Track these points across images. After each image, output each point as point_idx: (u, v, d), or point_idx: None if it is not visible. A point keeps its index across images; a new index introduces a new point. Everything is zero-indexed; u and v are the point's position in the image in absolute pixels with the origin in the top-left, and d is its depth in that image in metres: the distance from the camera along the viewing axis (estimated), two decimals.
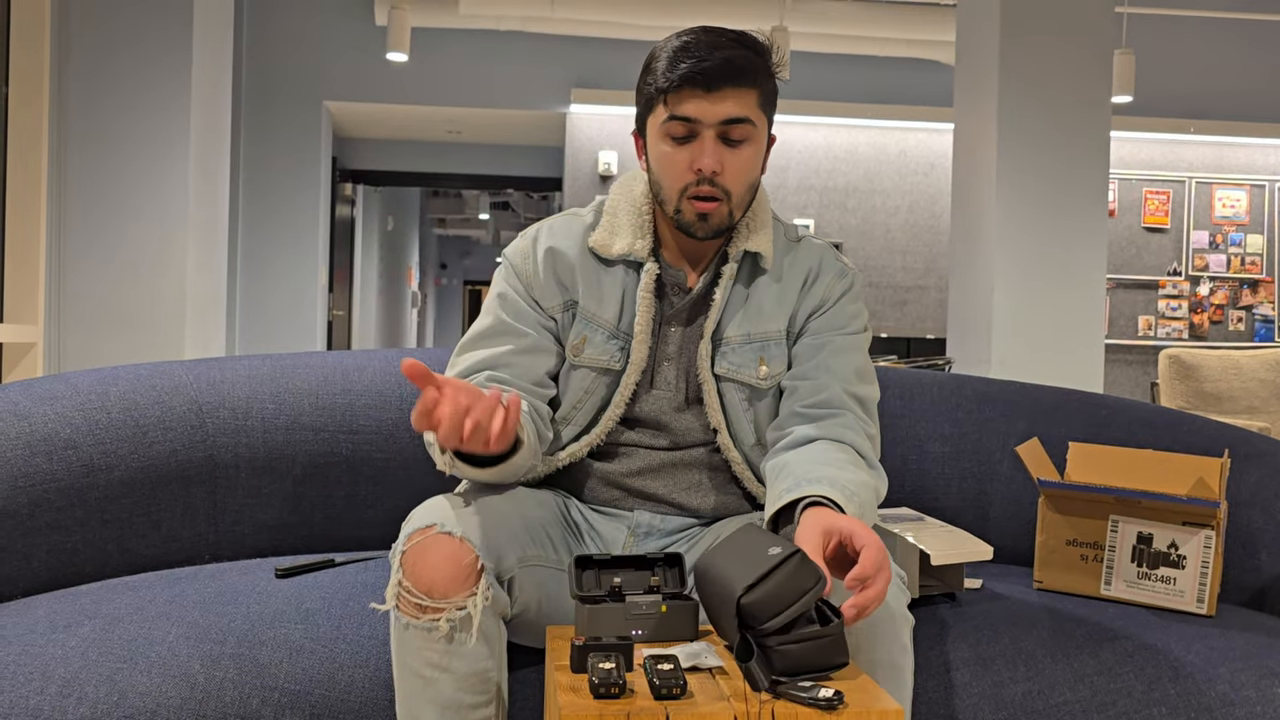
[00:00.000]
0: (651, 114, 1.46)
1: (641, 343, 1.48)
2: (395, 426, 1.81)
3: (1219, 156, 7.56)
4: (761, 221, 1.52)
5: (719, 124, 1.41)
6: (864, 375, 1.50)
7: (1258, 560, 1.72)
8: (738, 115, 1.41)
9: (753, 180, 1.46)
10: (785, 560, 1.04)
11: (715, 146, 1.41)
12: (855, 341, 1.51)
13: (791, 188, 7.46)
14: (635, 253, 1.48)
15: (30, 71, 3.58)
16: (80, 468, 1.64)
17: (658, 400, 1.50)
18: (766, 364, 1.49)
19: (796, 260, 1.53)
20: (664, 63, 1.42)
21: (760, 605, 1.02)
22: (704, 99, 1.40)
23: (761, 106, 1.44)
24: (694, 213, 1.43)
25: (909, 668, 1.23)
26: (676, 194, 1.44)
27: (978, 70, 4.42)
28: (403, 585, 1.21)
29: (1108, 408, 1.96)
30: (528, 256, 1.53)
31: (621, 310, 1.50)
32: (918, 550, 1.54)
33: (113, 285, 3.65)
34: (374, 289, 10.26)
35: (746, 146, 1.44)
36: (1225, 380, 5.06)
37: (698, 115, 1.40)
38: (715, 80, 1.39)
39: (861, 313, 1.54)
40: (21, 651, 1.32)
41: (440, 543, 1.21)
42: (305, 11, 6.87)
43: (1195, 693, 1.40)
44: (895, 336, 7.29)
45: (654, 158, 1.46)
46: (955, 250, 4.60)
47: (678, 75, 1.40)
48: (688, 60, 1.39)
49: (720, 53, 1.39)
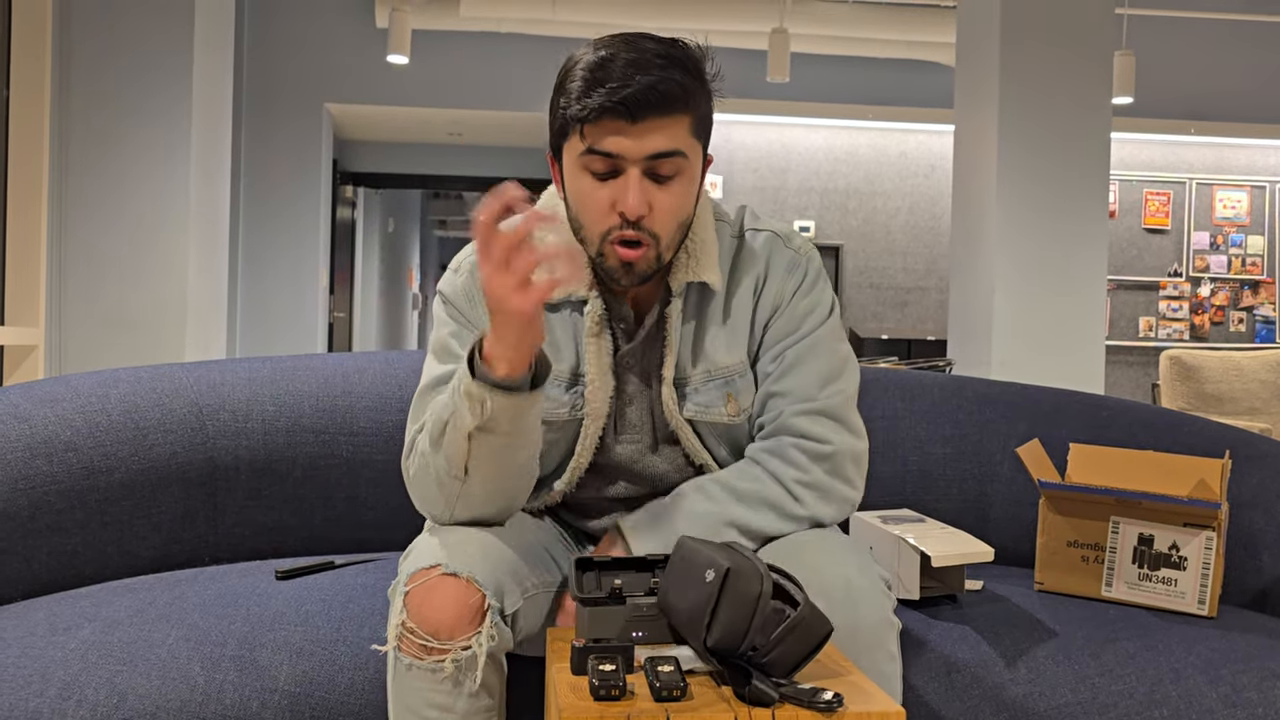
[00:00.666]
0: (566, 141, 1.28)
1: (597, 390, 1.35)
2: (396, 429, 1.81)
3: (1219, 157, 7.56)
4: (704, 245, 1.36)
5: (645, 159, 1.23)
6: (829, 377, 1.36)
7: (1259, 562, 1.72)
8: (666, 149, 1.23)
9: (684, 218, 1.30)
10: (724, 582, 1.01)
11: (641, 185, 1.24)
12: (814, 342, 1.37)
13: (792, 189, 7.46)
14: (575, 291, 1.34)
15: (31, 75, 3.59)
16: (81, 470, 1.64)
17: (626, 448, 1.40)
18: (735, 398, 1.38)
19: (743, 266, 1.39)
20: (579, 83, 1.23)
21: (726, 639, 1.00)
22: (626, 133, 1.22)
23: (695, 133, 1.27)
24: (618, 260, 1.27)
25: (897, 675, 1.21)
26: (598, 237, 1.28)
27: (978, 72, 4.42)
28: (406, 626, 1.16)
29: (1109, 409, 1.96)
30: (471, 296, 1.38)
31: (576, 356, 1.37)
32: (918, 552, 1.53)
33: (113, 288, 3.65)
34: (375, 291, 10.27)
35: (677, 181, 1.26)
36: (1226, 381, 5.06)
37: (619, 151, 1.23)
38: (640, 110, 1.20)
39: (820, 301, 1.39)
40: (21, 654, 1.32)
41: (446, 584, 1.17)
42: (306, 14, 6.88)
43: (1197, 695, 1.40)
44: (896, 338, 7.29)
45: (571, 192, 1.29)
46: (956, 251, 4.60)
47: (595, 104, 1.21)
48: (606, 85, 1.21)
49: (644, 75, 1.20)
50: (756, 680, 0.98)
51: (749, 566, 1.02)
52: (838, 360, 1.38)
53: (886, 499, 1.92)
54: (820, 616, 1.01)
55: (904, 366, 3.44)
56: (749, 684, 0.98)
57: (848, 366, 1.40)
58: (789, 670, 1.01)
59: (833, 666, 1.07)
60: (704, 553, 1.06)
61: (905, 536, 1.57)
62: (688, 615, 1.04)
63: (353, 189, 8.68)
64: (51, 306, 3.63)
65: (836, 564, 1.22)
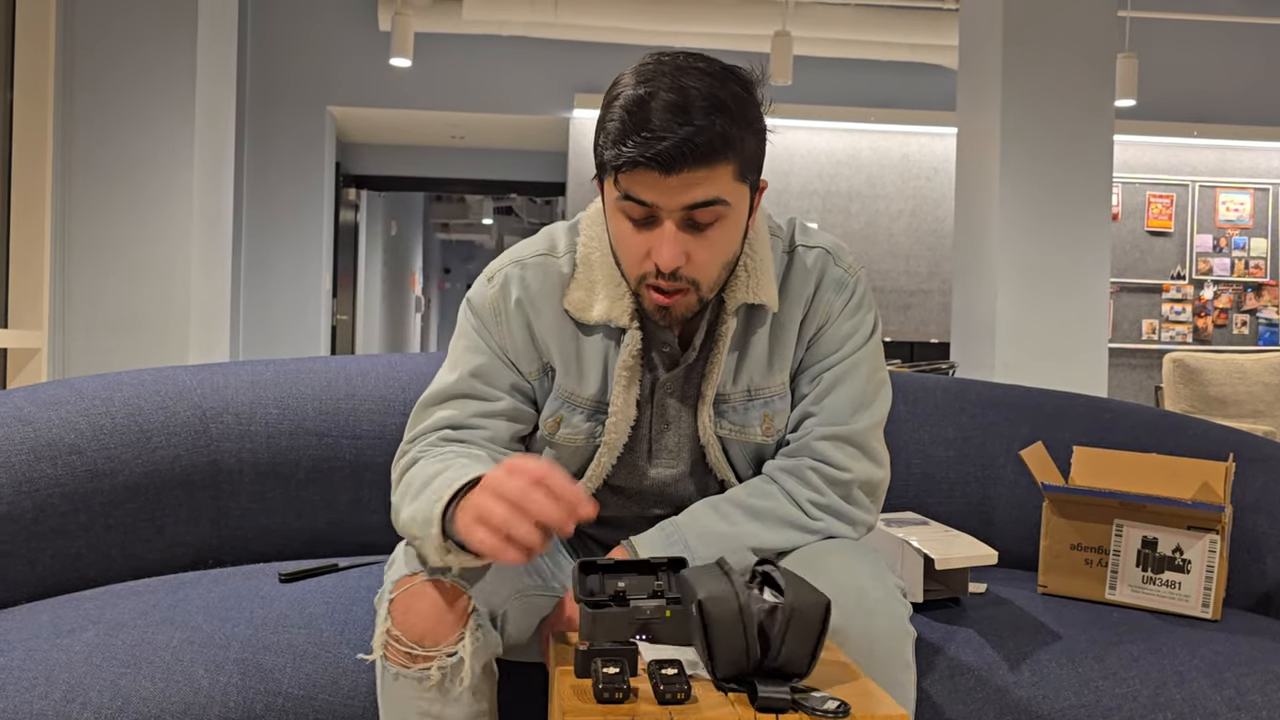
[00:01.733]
0: (605, 178, 1.22)
1: (619, 423, 1.31)
2: (399, 431, 1.81)
3: (1222, 160, 7.56)
4: (763, 264, 1.30)
5: (682, 210, 1.17)
6: (862, 403, 1.32)
7: (1263, 565, 1.72)
8: (704, 200, 1.16)
9: (728, 259, 1.24)
10: (702, 615, 0.99)
11: (676, 237, 1.17)
12: (852, 365, 1.33)
13: (794, 192, 7.46)
14: (615, 319, 1.28)
15: (35, 76, 3.59)
16: (84, 473, 1.64)
17: (662, 472, 1.36)
18: (772, 419, 1.34)
19: (794, 284, 1.34)
20: (616, 124, 1.16)
21: (732, 667, 1.00)
22: (661, 186, 1.15)
23: (740, 176, 1.19)
24: (653, 304, 1.23)
25: (911, 683, 1.20)
26: (635, 279, 1.24)
27: (981, 74, 4.42)
28: (391, 634, 1.15)
29: (1112, 412, 1.95)
30: (499, 312, 1.33)
31: (604, 384, 1.32)
32: (922, 554, 1.53)
33: (117, 290, 3.66)
34: (377, 294, 10.28)
35: (718, 228, 1.19)
36: (1229, 384, 5.06)
37: (654, 201, 1.16)
38: (675, 164, 1.13)
39: (863, 323, 1.35)
40: (26, 656, 1.32)
41: (429, 590, 1.15)
42: (309, 17, 6.89)
43: (1201, 698, 1.40)
44: (899, 340, 7.29)
45: (611, 229, 1.24)
46: (959, 254, 4.60)
47: (628, 155, 1.14)
48: (641, 134, 1.13)
49: (682, 125, 1.12)
50: (762, 689, 0.98)
51: (720, 589, 1.00)
52: (873, 386, 1.35)
53: (890, 502, 1.91)
54: (813, 595, 1.00)
55: (907, 369, 3.44)
56: (765, 696, 0.98)
57: (882, 392, 1.36)
58: (807, 663, 1.00)
59: (839, 673, 1.07)
60: (689, 586, 1.05)
61: (909, 539, 1.57)
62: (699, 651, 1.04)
63: (355, 191, 8.69)
64: (55, 309, 3.63)
65: (851, 572, 1.20)
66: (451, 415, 1.31)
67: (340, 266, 7.94)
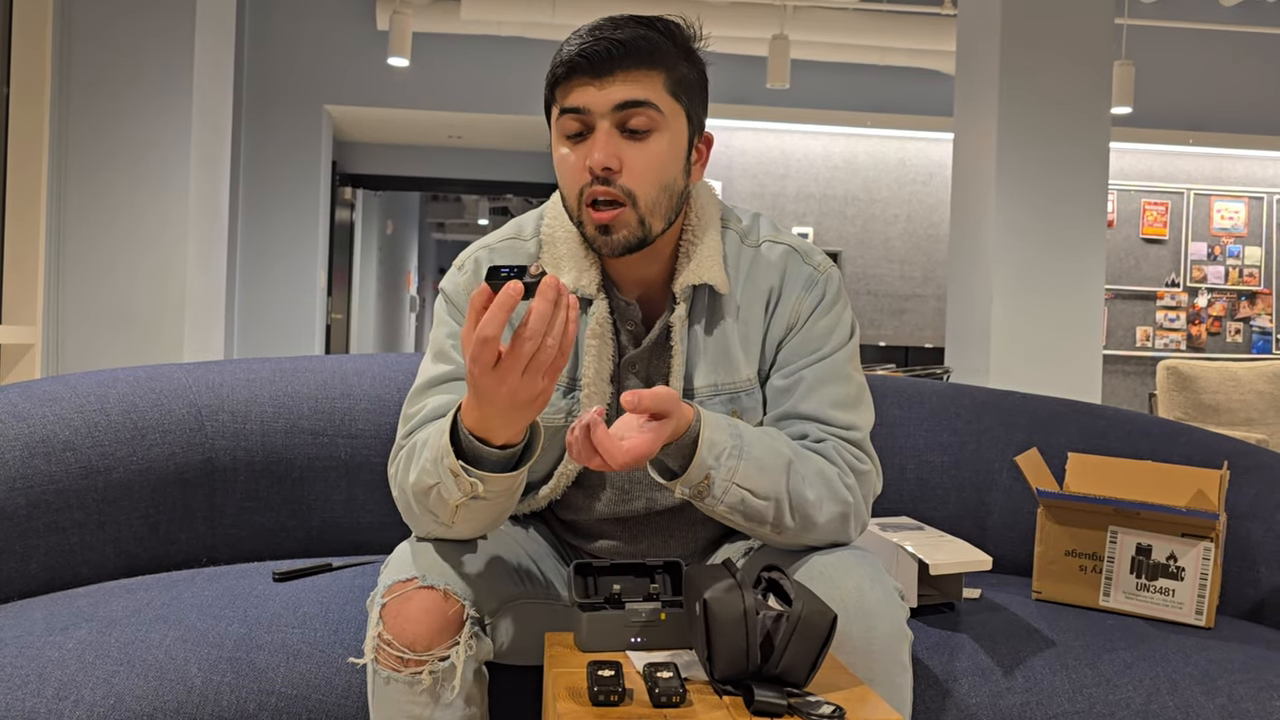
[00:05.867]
0: (551, 118, 1.28)
1: (592, 396, 1.30)
2: (394, 431, 1.81)
3: (1218, 168, 7.58)
4: (704, 246, 1.30)
5: (612, 111, 1.22)
6: (846, 404, 1.31)
7: (1256, 573, 1.72)
8: (634, 98, 1.21)
9: (666, 180, 1.25)
10: (705, 614, 0.99)
11: (609, 138, 1.22)
12: (831, 366, 1.32)
13: (790, 196, 7.47)
14: (581, 288, 1.29)
15: (31, 73, 3.59)
16: (79, 469, 1.63)
17: None
18: (740, 415, 1.32)
19: (756, 276, 1.34)
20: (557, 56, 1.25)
21: (731, 668, 0.99)
22: (592, 85, 1.22)
23: (673, 92, 1.24)
24: (593, 224, 1.24)
25: (908, 685, 1.20)
26: (576, 202, 1.25)
27: (978, 80, 4.43)
28: (382, 638, 1.15)
29: (1106, 418, 1.96)
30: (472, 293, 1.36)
31: (576, 359, 1.32)
32: (916, 560, 1.53)
33: (112, 287, 3.65)
34: (373, 293, 10.27)
35: (653, 139, 1.23)
36: (1223, 392, 5.07)
37: (587, 104, 1.22)
38: (604, 63, 1.21)
39: (839, 323, 1.34)
40: (18, 654, 1.32)
41: (422, 596, 1.16)
42: (307, 16, 6.88)
43: (1194, 705, 1.40)
44: (893, 345, 7.30)
45: (556, 161, 1.28)
46: (954, 259, 4.60)
47: (563, 61, 1.23)
48: (574, 43, 1.22)
49: (615, 34, 1.22)
50: (759, 693, 0.97)
51: (727, 590, 1.00)
52: (854, 388, 1.33)
53: (884, 507, 1.91)
54: (820, 606, 1.00)
55: (902, 374, 3.44)
56: (754, 699, 0.97)
57: (864, 397, 1.34)
58: (806, 674, 1.00)
59: (835, 678, 1.07)
60: (694, 584, 1.05)
61: (903, 544, 1.57)
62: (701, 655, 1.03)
63: (352, 191, 8.68)
64: (50, 305, 3.62)
65: (849, 575, 1.20)
66: (441, 403, 1.30)
67: (336, 265, 7.93)
